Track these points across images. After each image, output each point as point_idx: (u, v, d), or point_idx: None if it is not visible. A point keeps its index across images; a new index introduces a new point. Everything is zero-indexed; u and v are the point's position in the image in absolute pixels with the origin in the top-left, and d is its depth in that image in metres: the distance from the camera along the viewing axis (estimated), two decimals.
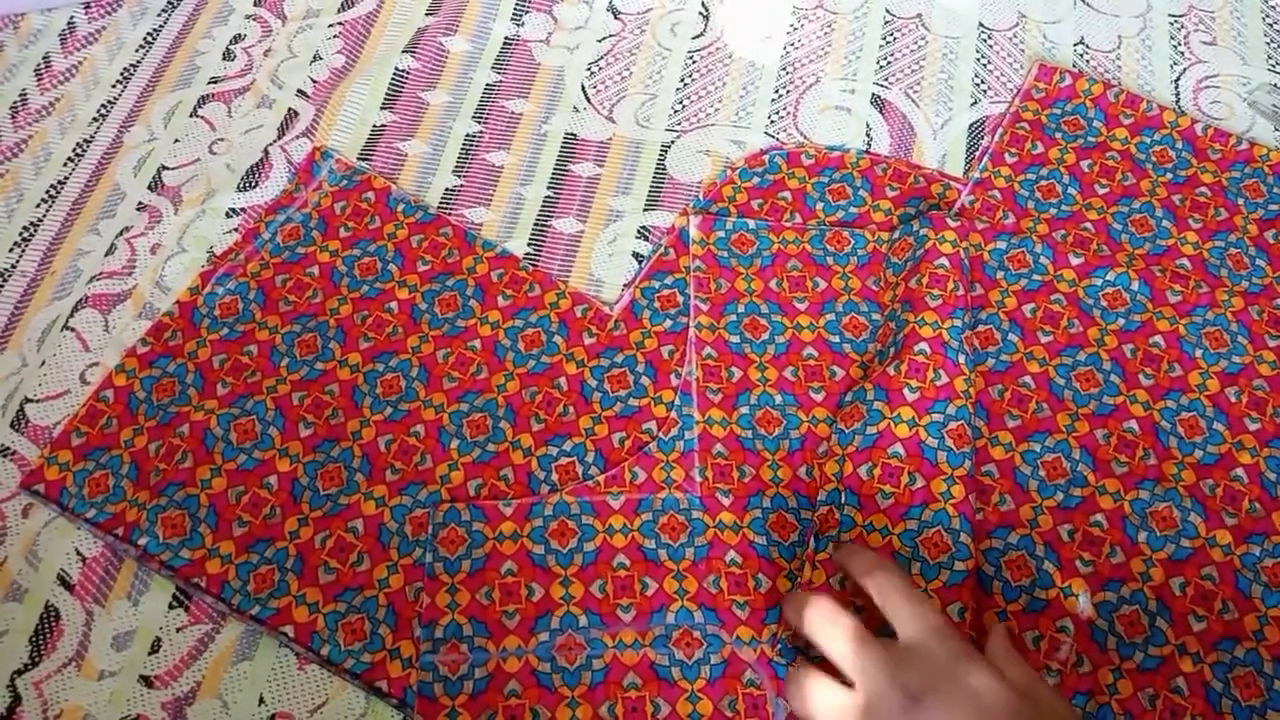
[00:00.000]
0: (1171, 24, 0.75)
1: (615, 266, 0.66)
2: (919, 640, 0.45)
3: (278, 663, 0.54)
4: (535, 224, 0.68)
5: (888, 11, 0.77)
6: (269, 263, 0.65)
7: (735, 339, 0.60)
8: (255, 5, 0.79)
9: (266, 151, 0.71)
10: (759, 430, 0.58)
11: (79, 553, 0.57)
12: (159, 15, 0.79)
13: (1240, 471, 0.57)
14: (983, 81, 0.73)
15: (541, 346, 0.62)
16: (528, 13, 0.78)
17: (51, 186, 0.70)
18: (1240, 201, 0.66)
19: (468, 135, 0.72)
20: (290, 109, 0.73)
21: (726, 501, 0.57)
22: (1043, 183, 0.67)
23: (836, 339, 0.59)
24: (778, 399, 0.59)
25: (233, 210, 0.68)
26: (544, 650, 0.53)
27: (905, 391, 0.57)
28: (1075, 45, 0.75)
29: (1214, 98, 0.71)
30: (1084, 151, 0.68)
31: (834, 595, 0.50)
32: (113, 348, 0.63)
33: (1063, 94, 0.71)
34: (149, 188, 0.70)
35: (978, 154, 0.69)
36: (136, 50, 0.77)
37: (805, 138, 0.71)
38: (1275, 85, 0.71)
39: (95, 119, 0.73)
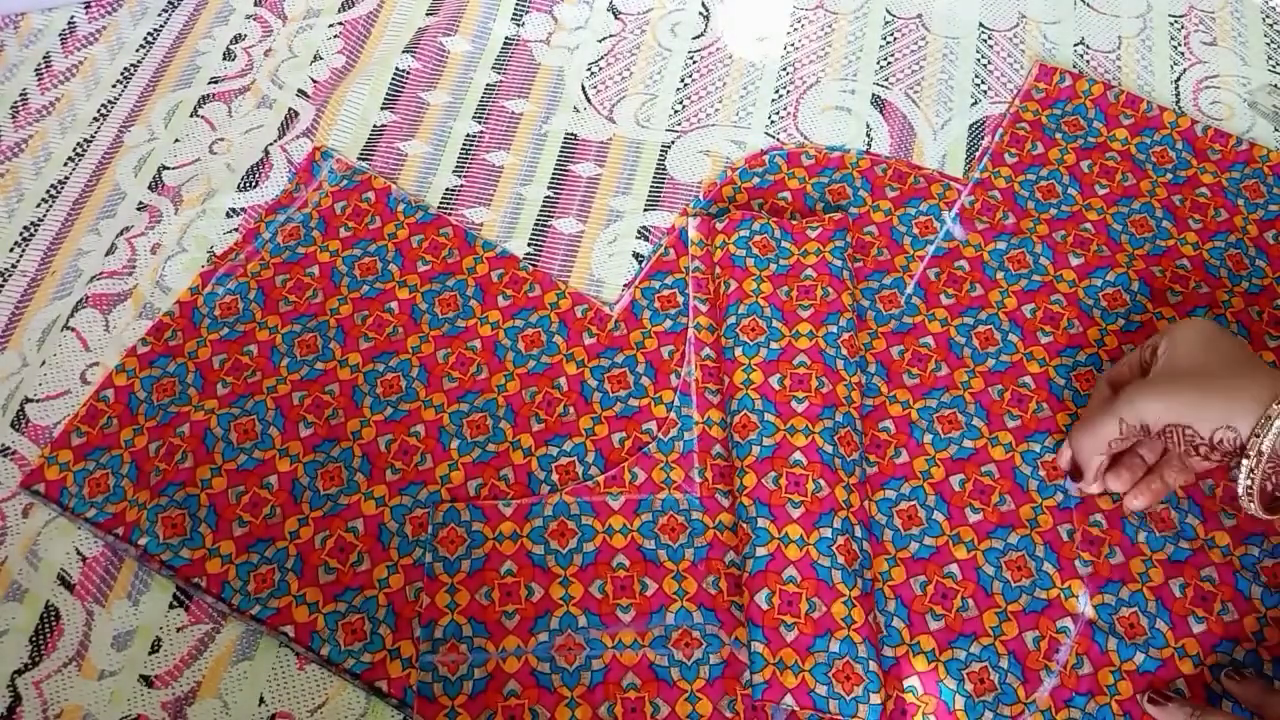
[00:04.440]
0: (1171, 24, 0.75)
1: (615, 266, 0.66)
2: None
3: (278, 663, 0.54)
4: (535, 224, 0.68)
5: (888, 12, 0.77)
6: (269, 263, 0.65)
7: (729, 341, 0.60)
8: (256, 5, 0.79)
9: (267, 151, 0.71)
10: (733, 436, 0.58)
11: (79, 552, 0.57)
12: (159, 15, 0.79)
13: None
14: (983, 82, 0.73)
15: (541, 347, 0.62)
16: (528, 13, 0.78)
17: (52, 186, 0.70)
18: (1240, 202, 0.66)
19: (468, 135, 0.72)
20: (290, 109, 0.73)
21: (726, 502, 0.57)
22: (1043, 183, 0.67)
23: (832, 351, 0.59)
24: (758, 404, 0.58)
25: (233, 210, 0.68)
26: (543, 650, 0.53)
27: (793, 403, 0.57)
28: (1075, 45, 0.75)
29: (1214, 98, 0.71)
30: (1084, 152, 0.68)
31: None
32: (113, 347, 0.63)
33: (1063, 94, 0.71)
34: (149, 187, 0.70)
35: (978, 154, 0.69)
36: (137, 50, 0.77)
37: (805, 138, 0.71)
38: (1275, 86, 0.71)
39: (96, 119, 0.73)
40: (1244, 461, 0.45)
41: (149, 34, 0.78)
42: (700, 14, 0.77)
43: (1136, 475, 0.53)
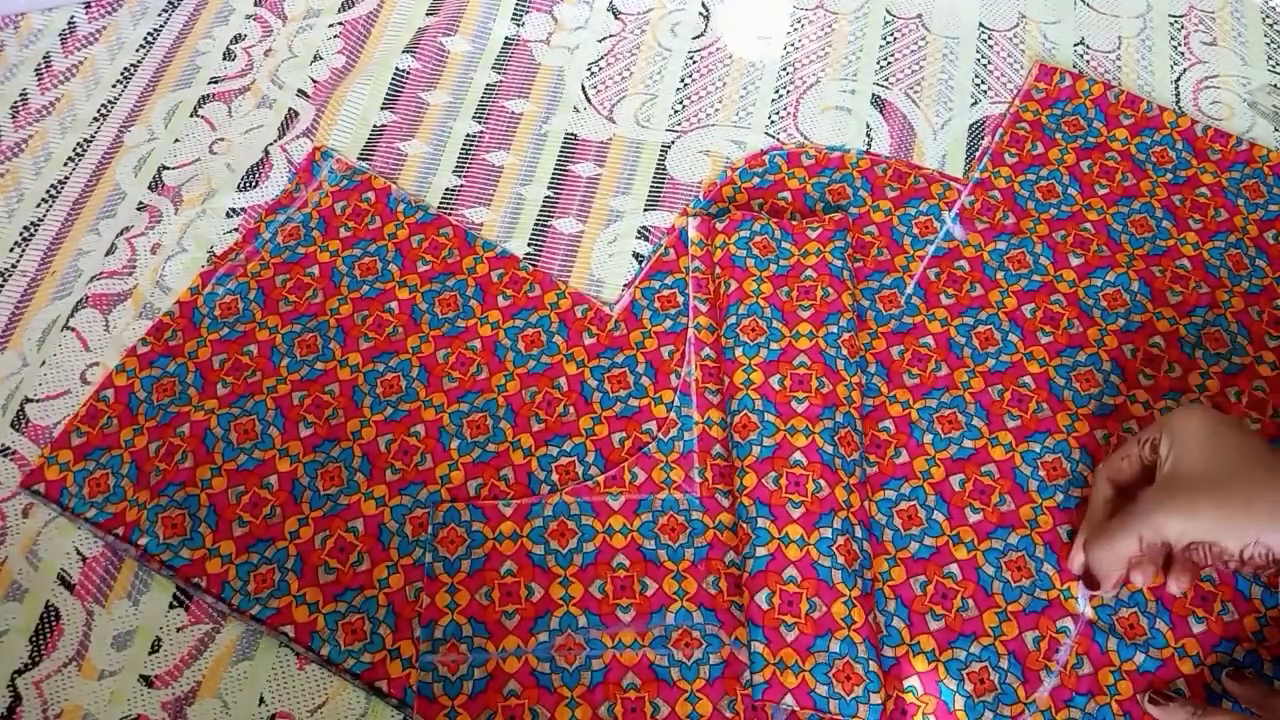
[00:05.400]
0: (1171, 24, 0.75)
1: (615, 267, 0.66)
2: None
3: (278, 663, 0.54)
4: (535, 224, 0.68)
5: (888, 12, 0.77)
6: (269, 263, 0.65)
7: (730, 341, 0.60)
8: (256, 5, 0.79)
9: (267, 151, 0.71)
10: (734, 436, 0.58)
11: (79, 552, 0.57)
12: (159, 15, 0.79)
13: None
14: (983, 82, 0.73)
15: (542, 347, 0.62)
16: (528, 13, 0.78)
17: (52, 186, 0.70)
18: (1240, 202, 0.66)
19: (468, 135, 0.72)
20: (290, 109, 0.73)
21: (726, 502, 0.57)
22: (1043, 183, 0.67)
23: (832, 352, 0.59)
24: (758, 404, 0.58)
25: (233, 210, 0.68)
26: (543, 650, 0.53)
27: (793, 403, 0.57)
28: (1075, 45, 0.75)
29: (1214, 98, 0.71)
30: (1084, 152, 0.68)
31: None
32: (113, 347, 0.63)
33: (1063, 94, 0.71)
34: (149, 187, 0.70)
35: (978, 154, 0.69)
36: (137, 50, 0.77)
37: (805, 138, 0.71)
38: (1275, 86, 0.71)
39: (96, 119, 0.73)
40: None
41: (149, 34, 0.77)
42: (700, 14, 0.77)
43: (1158, 565, 0.51)
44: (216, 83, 0.75)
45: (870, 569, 0.54)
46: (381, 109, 0.73)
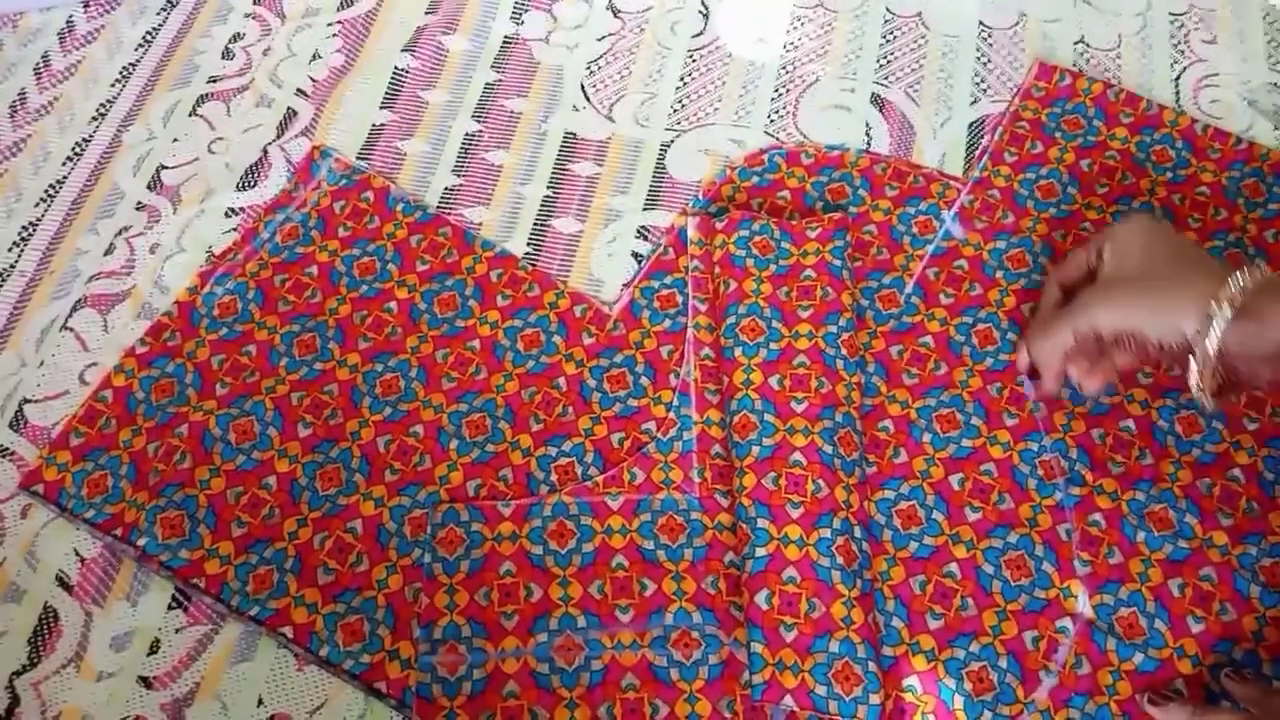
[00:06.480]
0: (1171, 22, 0.75)
1: (614, 266, 0.66)
2: None
3: (276, 664, 0.54)
4: (534, 223, 0.68)
5: (887, 10, 0.77)
6: (268, 262, 0.65)
7: (729, 341, 0.60)
8: (254, 4, 0.79)
9: (265, 151, 0.71)
10: (733, 436, 0.58)
11: (78, 553, 0.57)
12: (158, 14, 0.78)
13: (1237, 471, 0.57)
14: (982, 80, 0.73)
15: (540, 346, 0.62)
16: (527, 11, 0.78)
17: (50, 186, 0.70)
18: (1240, 201, 0.66)
19: (467, 134, 0.72)
20: (289, 108, 0.73)
21: (725, 502, 0.57)
22: (1042, 182, 0.67)
23: (832, 352, 0.59)
24: (757, 404, 0.58)
25: (231, 210, 0.68)
26: (542, 651, 0.53)
27: (793, 403, 0.57)
28: (1075, 44, 0.74)
29: (1214, 97, 0.71)
30: (1084, 151, 0.68)
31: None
32: (111, 348, 0.63)
33: (1062, 93, 0.71)
34: (148, 187, 0.69)
35: (977, 153, 0.69)
36: (135, 49, 0.77)
37: (805, 137, 0.71)
38: (1275, 84, 0.71)
39: (94, 118, 0.73)
40: (1191, 361, 0.48)
41: (147, 33, 0.77)
42: (700, 12, 0.77)
43: (1093, 359, 0.55)
44: (215, 82, 0.75)
45: (870, 569, 0.54)
46: (380, 108, 0.73)
